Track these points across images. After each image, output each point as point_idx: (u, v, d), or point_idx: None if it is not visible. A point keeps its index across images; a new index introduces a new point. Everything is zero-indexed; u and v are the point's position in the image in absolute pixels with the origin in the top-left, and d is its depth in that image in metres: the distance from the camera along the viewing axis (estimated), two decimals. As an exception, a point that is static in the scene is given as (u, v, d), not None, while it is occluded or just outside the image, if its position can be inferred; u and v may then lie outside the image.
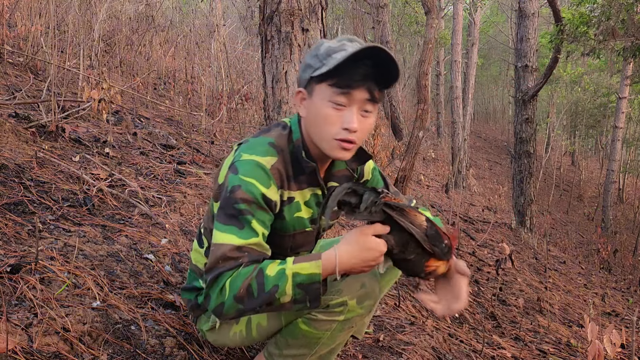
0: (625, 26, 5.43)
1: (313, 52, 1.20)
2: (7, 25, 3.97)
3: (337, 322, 1.22)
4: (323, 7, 2.61)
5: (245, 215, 1.15)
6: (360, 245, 1.12)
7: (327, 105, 1.16)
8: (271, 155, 1.21)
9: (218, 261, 1.13)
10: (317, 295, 1.11)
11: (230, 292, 1.10)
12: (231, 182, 1.17)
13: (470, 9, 12.63)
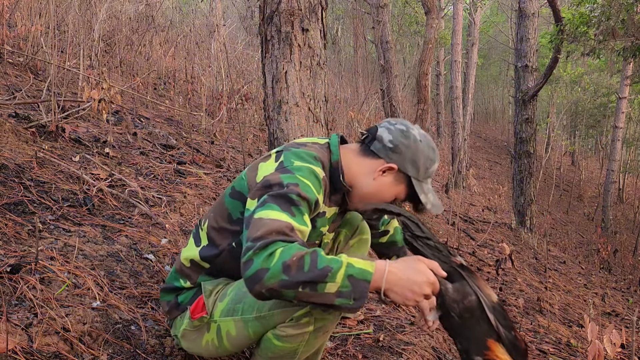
0: (625, 26, 5.43)
1: (427, 162, 1.37)
2: (7, 25, 3.97)
3: (309, 333, 1.21)
4: (323, 7, 2.61)
5: (299, 207, 1.17)
6: (412, 265, 1.12)
7: (393, 196, 1.38)
8: (320, 168, 1.29)
9: (272, 232, 1.09)
10: (363, 295, 1.06)
11: (279, 259, 1.05)
12: (287, 180, 1.20)
13: (470, 9, 12.63)
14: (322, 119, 2.65)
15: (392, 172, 1.35)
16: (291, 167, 1.23)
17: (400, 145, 1.34)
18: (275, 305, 1.22)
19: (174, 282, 1.41)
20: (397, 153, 1.34)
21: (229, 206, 1.34)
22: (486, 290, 1.18)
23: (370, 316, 2.20)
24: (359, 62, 11.37)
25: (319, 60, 2.60)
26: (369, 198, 1.38)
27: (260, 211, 1.14)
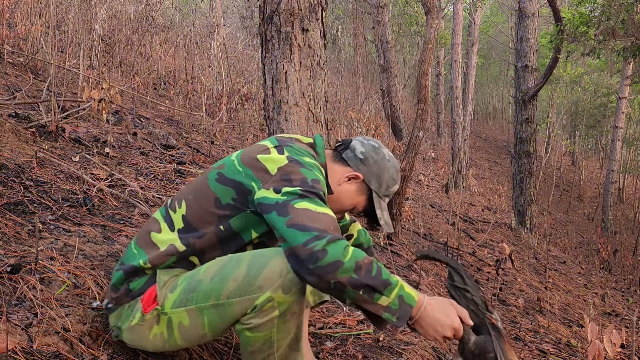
0: (625, 26, 5.43)
1: (389, 181, 1.47)
2: (7, 25, 3.97)
3: (276, 318, 1.20)
4: (323, 7, 2.61)
5: (325, 202, 1.26)
6: (444, 307, 1.23)
7: (352, 205, 1.48)
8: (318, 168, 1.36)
9: (330, 227, 1.18)
10: (406, 316, 1.17)
11: (353, 257, 1.14)
12: (307, 175, 1.26)
13: (470, 9, 12.63)
14: (322, 119, 2.65)
15: (357, 181, 1.45)
16: (304, 162, 1.29)
17: (370, 158, 1.45)
18: (234, 293, 1.19)
19: (132, 261, 1.32)
20: (365, 165, 1.44)
21: (217, 190, 1.32)
22: (509, 355, 1.23)
23: (370, 316, 2.20)
24: (359, 62, 11.37)
25: (319, 60, 2.60)
26: (330, 202, 1.42)
27: (300, 202, 1.20)
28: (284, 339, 1.25)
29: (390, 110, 7.42)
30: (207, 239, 1.32)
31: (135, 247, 1.35)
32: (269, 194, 1.23)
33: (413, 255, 1.62)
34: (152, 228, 1.36)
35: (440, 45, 12.28)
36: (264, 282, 1.18)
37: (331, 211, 1.23)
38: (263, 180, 1.27)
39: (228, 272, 1.22)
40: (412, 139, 3.84)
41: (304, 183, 1.24)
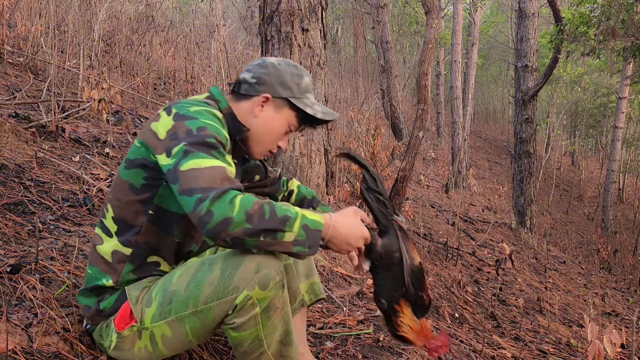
0: (625, 26, 5.43)
1: (295, 78, 1.40)
2: (7, 25, 3.97)
3: (258, 315, 1.19)
4: (323, 7, 2.61)
5: (219, 149, 1.19)
6: (350, 220, 1.23)
7: (284, 127, 1.41)
8: (215, 109, 1.30)
9: (216, 180, 1.12)
10: (316, 242, 1.16)
11: (241, 207, 1.09)
12: (193, 125, 1.19)
13: (470, 9, 12.63)
14: (322, 119, 2.65)
15: (269, 102, 1.38)
16: (190, 113, 1.23)
17: (261, 76, 1.38)
18: (211, 298, 1.18)
19: (95, 282, 1.30)
20: (262, 84, 1.38)
21: (128, 178, 1.28)
22: (412, 253, 1.31)
23: (370, 316, 2.20)
24: (359, 62, 11.37)
25: (319, 60, 2.60)
26: (262, 137, 1.40)
27: (186, 162, 1.14)
28: (272, 335, 1.23)
29: (390, 110, 7.42)
30: (144, 230, 1.29)
31: (90, 267, 1.32)
32: (163, 160, 1.19)
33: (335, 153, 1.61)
34: (96, 242, 1.32)
35: (440, 45, 12.28)
36: (240, 282, 1.16)
37: (219, 159, 1.16)
38: (155, 147, 1.22)
39: (202, 277, 1.19)
40: (412, 139, 3.84)
41: (189, 135, 1.18)
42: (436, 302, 2.86)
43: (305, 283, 1.56)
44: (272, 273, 1.17)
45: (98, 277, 1.29)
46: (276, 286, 1.19)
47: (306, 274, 1.57)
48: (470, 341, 2.41)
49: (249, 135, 1.40)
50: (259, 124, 1.39)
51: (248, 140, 1.41)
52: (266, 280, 1.16)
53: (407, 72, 14.53)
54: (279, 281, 1.19)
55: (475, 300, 3.29)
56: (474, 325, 2.79)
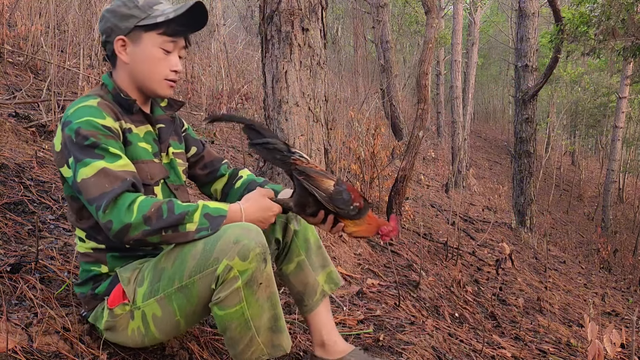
0: (625, 26, 5.43)
1: (129, 3, 1.33)
2: (7, 24, 3.96)
3: (240, 289, 1.19)
4: (323, 6, 2.61)
5: (100, 146, 1.22)
6: (259, 204, 1.32)
7: (157, 51, 1.34)
8: (93, 99, 1.30)
9: (104, 184, 1.17)
10: (219, 226, 1.22)
11: (138, 212, 1.16)
12: (69, 131, 1.23)
13: (470, 8, 12.63)
14: (322, 118, 2.65)
15: (124, 42, 1.34)
16: (68, 117, 1.26)
17: (104, 27, 1.35)
18: (194, 271, 1.20)
19: (89, 273, 1.35)
20: (110, 33, 1.34)
21: (68, 192, 1.34)
22: (322, 185, 1.36)
23: (370, 316, 2.20)
24: (359, 61, 11.36)
25: (319, 59, 2.60)
26: (145, 74, 1.35)
27: (77, 173, 1.20)
28: (260, 317, 1.23)
29: (390, 110, 7.42)
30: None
31: (81, 264, 1.38)
32: (66, 172, 1.26)
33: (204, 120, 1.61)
34: (77, 243, 1.39)
35: (440, 44, 12.28)
36: (219, 254, 1.18)
37: (103, 158, 1.20)
38: (56, 161, 1.30)
39: (186, 252, 1.23)
40: (412, 138, 3.84)
41: (72, 143, 1.22)
42: (436, 301, 2.86)
43: (322, 274, 1.56)
44: (252, 244, 1.18)
45: (90, 269, 1.35)
46: (257, 258, 1.19)
47: (322, 264, 1.57)
48: (470, 341, 2.41)
49: (138, 80, 1.37)
50: (134, 65, 1.35)
51: (143, 88, 1.38)
52: (245, 250, 1.17)
53: (407, 72, 14.53)
54: (260, 253, 1.20)
55: (475, 300, 3.29)
56: (474, 325, 2.79)
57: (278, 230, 1.52)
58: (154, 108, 1.48)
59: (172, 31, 1.34)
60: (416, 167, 8.13)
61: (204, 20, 1.40)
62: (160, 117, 1.48)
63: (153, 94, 1.40)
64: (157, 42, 1.34)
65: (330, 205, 1.36)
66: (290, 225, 1.53)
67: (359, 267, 2.85)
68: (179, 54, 1.40)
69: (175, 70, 1.38)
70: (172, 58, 1.37)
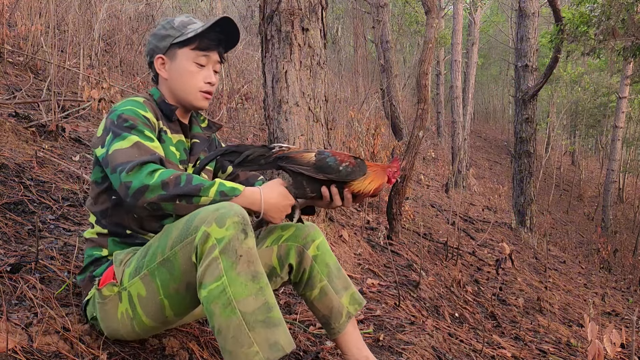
0: (625, 26, 5.43)
1: (166, 26, 1.48)
2: (7, 24, 3.96)
3: (219, 258, 1.15)
4: (323, 6, 2.60)
5: (137, 127, 1.32)
6: (278, 191, 1.36)
7: (191, 65, 1.47)
8: (140, 97, 1.44)
9: (134, 155, 1.26)
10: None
11: (159, 177, 1.21)
12: (114, 116, 1.34)
13: (471, 8, 12.63)
14: (322, 118, 2.65)
15: (163, 60, 1.49)
16: (114, 107, 1.38)
17: (148, 50, 1.52)
18: (176, 242, 1.21)
19: (90, 258, 1.41)
20: (151, 54, 1.50)
21: (93, 177, 1.43)
22: (304, 160, 1.38)
23: (370, 316, 2.20)
24: (359, 61, 11.36)
25: (319, 59, 2.60)
26: (182, 86, 1.47)
27: (111, 146, 1.28)
28: (245, 300, 1.14)
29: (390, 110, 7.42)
30: (111, 213, 1.40)
31: (85, 251, 1.45)
32: (99, 151, 1.34)
33: None
34: (85, 231, 1.48)
35: (441, 44, 12.28)
36: (199, 222, 1.19)
37: (138, 135, 1.30)
38: (94, 144, 1.38)
39: (172, 226, 1.26)
40: (412, 138, 3.84)
41: (112, 124, 1.32)
42: (436, 301, 2.86)
43: (345, 296, 1.55)
44: (231, 212, 1.19)
45: (92, 253, 1.41)
46: (234, 226, 1.17)
47: (344, 286, 1.56)
48: (470, 341, 2.41)
49: (176, 93, 1.49)
50: (172, 80, 1.48)
51: (181, 101, 1.49)
52: (223, 217, 1.17)
53: (407, 72, 14.52)
54: (238, 222, 1.18)
55: (475, 300, 3.29)
56: (474, 325, 2.79)
57: (292, 256, 1.52)
58: (193, 125, 1.58)
59: (203, 45, 1.46)
60: (416, 167, 8.12)
61: (236, 36, 1.53)
62: (197, 134, 1.57)
63: (190, 106, 1.50)
64: (190, 56, 1.46)
65: (320, 174, 1.37)
66: (307, 252, 1.52)
67: (359, 267, 2.85)
68: (213, 68, 1.51)
69: (209, 82, 1.49)
70: (206, 71, 1.49)
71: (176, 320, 1.33)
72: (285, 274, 1.54)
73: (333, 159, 1.39)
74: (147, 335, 1.37)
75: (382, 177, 1.45)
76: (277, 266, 1.53)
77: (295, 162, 1.38)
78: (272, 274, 1.53)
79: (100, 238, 1.41)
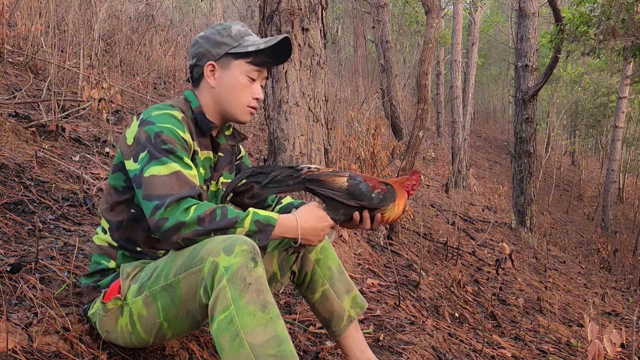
0: (625, 26, 5.43)
1: (223, 32, 1.41)
2: (7, 24, 3.96)
3: (227, 288, 1.10)
4: (323, 6, 2.60)
5: (176, 153, 1.26)
6: (315, 214, 1.34)
7: (243, 78, 1.41)
8: (178, 111, 1.34)
9: (174, 187, 1.21)
10: (267, 235, 1.24)
11: (194, 213, 1.18)
12: (151, 131, 1.26)
13: (471, 8, 12.63)
14: (322, 118, 2.65)
15: (213, 67, 1.41)
16: (150, 118, 1.29)
17: (197, 52, 1.42)
18: (180, 269, 1.18)
19: (98, 266, 1.38)
20: (202, 58, 1.41)
21: (113, 182, 1.36)
22: (336, 185, 1.37)
23: (370, 316, 2.20)
24: (359, 61, 11.36)
25: (319, 59, 2.60)
26: (230, 98, 1.41)
27: (148, 168, 1.22)
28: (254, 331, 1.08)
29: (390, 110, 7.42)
30: (125, 227, 1.36)
31: (93, 256, 1.41)
32: (130, 165, 1.27)
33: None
34: (96, 234, 1.43)
35: (441, 44, 12.28)
36: (205, 253, 1.14)
37: (177, 162, 1.24)
38: (124, 152, 1.31)
39: (179, 252, 1.23)
40: (412, 138, 3.84)
41: (149, 141, 1.25)
42: (436, 301, 2.86)
43: (347, 299, 1.55)
44: (240, 240, 1.15)
45: (100, 262, 1.38)
46: (243, 253, 1.12)
47: (346, 290, 1.56)
48: (470, 341, 2.41)
49: (221, 104, 1.42)
50: (220, 90, 1.41)
51: (224, 112, 1.43)
52: (231, 245, 1.13)
53: (407, 72, 14.52)
54: (247, 250, 1.13)
55: (475, 300, 3.29)
56: (474, 325, 2.79)
57: (294, 261, 1.52)
58: (219, 136, 1.51)
59: (259, 61, 1.41)
60: (416, 167, 8.13)
61: (288, 54, 1.47)
62: (223, 147, 1.52)
63: (233, 119, 1.45)
64: (244, 69, 1.40)
65: (352, 201, 1.36)
66: (309, 255, 1.52)
67: (359, 267, 2.85)
68: (260, 83, 1.46)
69: (257, 97, 1.44)
70: (255, 87, 1.44)
71: (175, 338, 1.33)
72: (286, 279, 1.54)
73: (365, 185, 1.38)
74: (144, 346, 1.37)
75: (403, 194, 1.46)
76: (277, 271, 1.52)
77: (326, 187, 1.37)
78: (272, 279, 1.52)
79: (110, 248, 1.38)
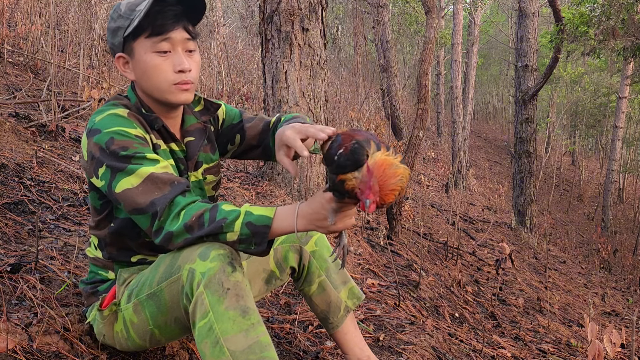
0: (625, 26, 5.43)
1: (114, 15, 1.21)
2: (7, 24, 3.96)
3: (204, 293, 1.06)
4: (323, 6, 2.61)
5: (136, 155, 1.14)
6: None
7: (152, 57, 1.19)
8: (122, 108, 1.22)
9: (154, 192, 1.12)
10: (264, 238, 1.11)
11: (182, 220, 1.11)
12: (101, 141, 1.15)
13: (471, 8, 12.63)
14: (322, 118, 2.66)
15: (124, 58, 1.24)
16: (95, 125, 1.17)
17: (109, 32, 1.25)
18: (162, 278, 1.16)
19: (97, 276, 1.35)
20: (111, 50, 1.26)
21: (92, 201, 1.30)
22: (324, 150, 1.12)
23: (370, 316, 2.20)
24: (359, 61, 11.36)
25: (319, 59, 2.60)
26: (152, 82, 1.21)
27: (116, 183, 1.14)
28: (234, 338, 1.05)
29: (390, 110, 7.42)
30: (108, 241, 1.31)
31: (90, 265, 1.38)
32: (96, 182, 1.19)
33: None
34: (89, 247, 1.39)
35: (441, 44, 12.28)
36: (182, 260, 1.12)
37: (143, 165, 1.14)
38: (86, 170, 1.22)
39: (162, 258, 1.20)
40: (412, 138, 3.84)
41: (103, 153, 1.15)
42: (436, 301, 2.86)
43: (344, 290, 1.54)
44: (216, 245, 1.11)
45: (98, 272, 1.36)
46: (220, 257, 1.08)
47: (342, 281, 1.55)
48: (470, 341, 2.41)
49: (148, 93, 1.25)
50: (139, 80, 1.24)
51: (157, 100, 1.25)
52: (207, 250, 1.10)
53: (407, 72, 14.52)
54: (224, 254, 1.09)
55: (475, 300, 3.29)
56: (474, 325, 2.79)
57: (291, 258, 1.50)
58: (186, 117, 1.35)
59: (157, 28, 1.17)
60: (416, 167, 8.13)
61: (193, 2, 1.22)
62: (191, 128, 1.36)
63: (168, 103, 1.25)
64: (146, 47, 1.19)
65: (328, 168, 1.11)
66: (305, 248, 1.50)
67: (359, 267, 2.85)
68: (183, 49, 1.22)
69: (180, 70, 1.21)
70: (174, 57, 1.21)
71: (171, 342, 1.32)
72: (286, 276, 1.53)
73: (338, 141, 1.07)
74: (142, 350, 1.37)
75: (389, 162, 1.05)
76: (275, 270, 1.52)
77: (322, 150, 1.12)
78: (272, 277, 1.52)
79: (105, 261, 1.33)
